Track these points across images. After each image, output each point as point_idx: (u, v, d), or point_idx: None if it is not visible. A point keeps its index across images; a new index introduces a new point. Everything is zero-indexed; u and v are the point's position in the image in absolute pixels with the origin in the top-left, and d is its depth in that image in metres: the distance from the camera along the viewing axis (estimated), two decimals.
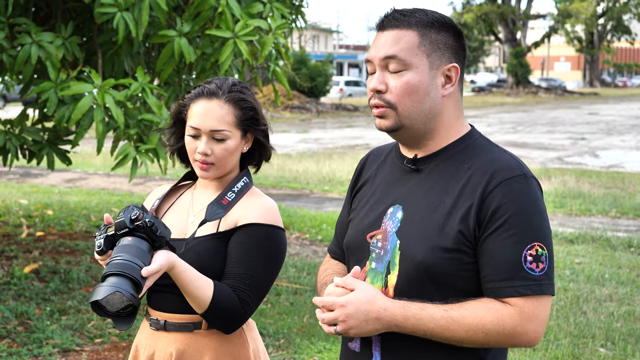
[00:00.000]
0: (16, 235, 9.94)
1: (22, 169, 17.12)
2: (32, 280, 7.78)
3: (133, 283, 2.38)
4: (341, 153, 20.40)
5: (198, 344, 2.75)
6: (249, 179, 2.88)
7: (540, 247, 2.11)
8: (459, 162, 2.23)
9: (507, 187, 2.13)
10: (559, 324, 6.83)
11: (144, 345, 2.85)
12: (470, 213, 2.14)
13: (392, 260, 2.23)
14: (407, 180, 2.31)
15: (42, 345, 6.11)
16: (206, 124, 2.76)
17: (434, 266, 2.16)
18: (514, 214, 2.11)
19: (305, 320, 6.86)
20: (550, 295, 2.14)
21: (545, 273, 2.12)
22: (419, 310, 2.13)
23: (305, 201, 13.73)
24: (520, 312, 2.10)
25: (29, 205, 12.46)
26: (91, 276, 8.03)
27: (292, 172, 16.93)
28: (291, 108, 38.45)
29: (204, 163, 2.77)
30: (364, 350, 2.29)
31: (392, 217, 2.27)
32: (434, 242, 2.16)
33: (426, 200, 2.22)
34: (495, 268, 2.12)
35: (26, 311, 6.85)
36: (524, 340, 2.12)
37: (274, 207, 2.82)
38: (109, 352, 6.04)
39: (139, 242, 2.50)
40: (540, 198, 2.18)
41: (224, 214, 2.77)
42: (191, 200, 2.90)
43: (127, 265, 2.40)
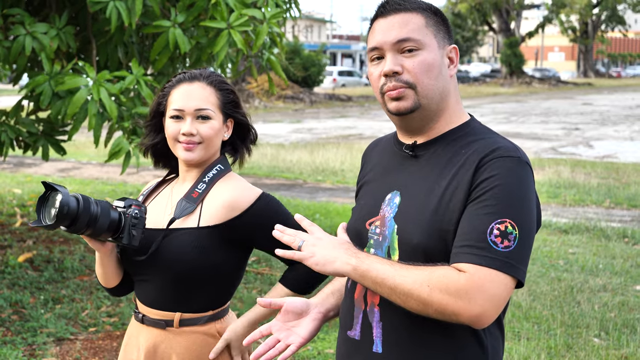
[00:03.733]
0: (10, 225, 9.93)
1: (16, 159, 17.09)
2: (26, 269, 7.77)
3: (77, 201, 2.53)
4: (335, 143, 20.39)
5: (170, 341, 2.77)
6: (224, 166, 2.85)
7: (512, 225, 2.07)
8: (457, 147, 2.24)
9: (498, 163, 2.13)
10: (552, 313, 6.85)
11: (130, 334, 2.90)
12: (462, 190, 2.15)
13: (392, 245, 2.24)
14: (405, 166, 2.32)
15: (36, 334, 6.11)
16: (190, 104, 2.75)
17: (431, 247, 2.16)
18: (496, 187, 2.10)
19: None
20: (509, 275, 2.07)
21: (510, 252, 2.06)
22: (376, 259, 2.16)
23: (298, 191, 13.73)
24: (468, 278, 2.05)
25: (23, 195, 12.44)
26: (85, 265, 8.03)
27: (286, 162, 16.93)
28: (284, 98, 38.43)
29: (189, 143, 2.76)
30: (365, 338, 2.29)
31: (390, 203, 2.28)
32: (429, 224, 2.17)
33: (423, 185, 2.23)
34: (461, 234, 2.11)
35: (20, 300, 6.84)
36: (467, 308, 2.04)
37: (245, 184, 2.81)
38: (102, 340, 6.04)
39: (112, 209, 2.65)
40: (530, 184, 2.15)
41: (193, 207, 2.75)
42: (170, 194, 2.88)
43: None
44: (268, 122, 27.76)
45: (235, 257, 2.80)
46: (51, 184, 2.53)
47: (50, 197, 2.54)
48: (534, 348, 5.96)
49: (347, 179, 15.00)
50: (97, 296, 7.07)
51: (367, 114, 32.11)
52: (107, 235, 2.66)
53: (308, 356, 5.78)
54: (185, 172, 2.85)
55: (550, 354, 5.89)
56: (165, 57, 6.75)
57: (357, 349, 2.32)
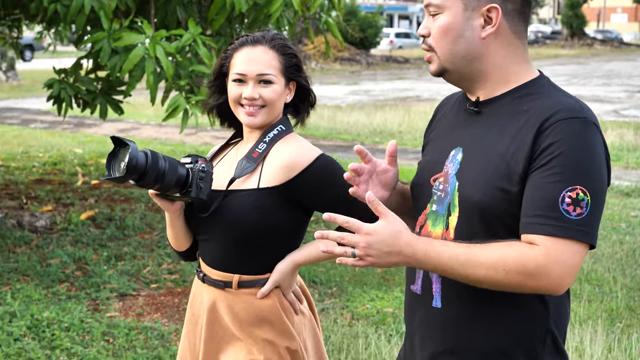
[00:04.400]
0: (72, 184, 10.09)
1: (76, 119, 17.31)
2: (88, 227, 7.90)
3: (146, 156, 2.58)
4: (392, 105, 20.30)
5: (229, 301, 2.80)
6: (285, 126, 2.85)
7: (583, 192, 2.04)
8: (520, 105, 2.20)
9: (562, 126, 2.08)
10: (614, 276, 6.78)
11: (195, 291, 2.94)
12: (524, 152, 2.11)
13: (452, 202, 2.22)
14: (469, 123, 2.30)
15: (99, 289, 6.22)
16: (252, 69, 2.75)
17: (490, 206, 2.14)
18: (563, 153, 2.06)
19: (357, 270, 6.89)
20: (583, 243, 2.05)
21: (583, 219, 2.04)
22: (441, 247, 2.09)
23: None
24: (545, 253, 2.04)
25: (84, 154, 12.62)
26: (146, 223, 8.14)
27: (343, 124, 16.90)
28: (341, 60, 38.29)
29: (251, 107, 2.76)
30: (425, 293, 2.29)
31: (453, 160, 2.27)
32: (489, 182, 2.15)
33: (485, 142, 2.21)
34: (531, 204, 2.08)
35: (84, 256, 6.97)
36: (546, 283, 2.05)
37: (305, 144, 2.80)
38: (164, 297, 6.13)
39: (180, 165, 2.67)
40: (597, 145, 2.10)
41: (253, 167, 2.76)
42: (235, 155, 2.90)
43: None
44: (325, 84, 27.70)
45: (295, 218, 2.80)
46: (121, 139, 2.55)
47: (120, 152, 2.57)
48: (594, 310, 5.91)
49: (405, 140, 14.94)
50: (158, 253, 7.17)
51: (424, 76, 31.88)
52: (175, 190, 2.68)
53: (367, 314, 5.81)
54: (249, 133, 2.86)
55: (612, 316, 5.84)
56: (223, 17, 6.74)
57: (418, 303, 2.33)
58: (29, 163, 11.76)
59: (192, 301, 2.94)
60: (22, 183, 10.02)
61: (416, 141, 14.75)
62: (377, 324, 5.62)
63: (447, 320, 2.25)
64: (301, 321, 2.89)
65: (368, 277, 6.72)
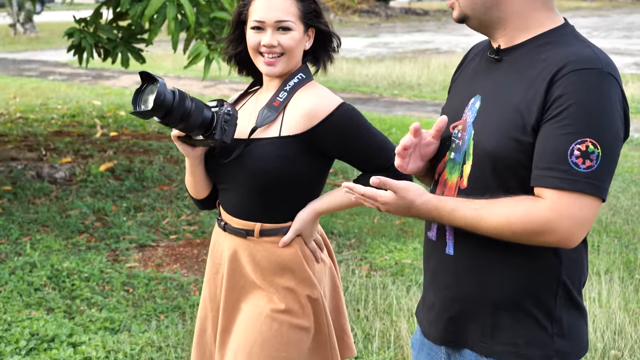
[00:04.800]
0: (91, 135, 10.11)
1: (95, 71, 17.31)
2: (107, 179, 7.93)
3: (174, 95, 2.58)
4: (411, 57, 20.16)
5: (251, 250, 2.81)
6: (305, 75, 2.83)
7: (594, 144, 2.01)
8: (539, 53, 2.17)
9: (574, 77, 2.04)
10: (633, 228, 6.76)
11: (216, 240, 2.95)
12: (537, 102, 2.08)
13: (468, 150, 2.21)
14: (490, 71, 2.28)
15: (119, 240, 6.26)
16: (271, 15, 2.73)
17: (503, 156, 2.12)
18: (573, 105, 2.02)
19: (375, 221, 6.90)
20: (593, 196, 2.03)
21: (592, 172, 2.01)
22: (453, 207, 2.13)
23: (374, 105, 13.68)
24: (551, 207, 2.03)
25: (102, 106, 12.63)
26: (165, 175, 8.16)
27: (362, 76, 16.82)
28: (360, 12, 38.02)
29: (270, 56, 2.74)
30: (440, 240, 2.30)
31: (471, 108, 2.25)
32: (502, 132, 2.13)
33: (501, 91, 2.19)
34: (541, 156, 2.06)
35: (103, 208, 7.01)
36: (554, 238, 2.04)
37: (326, 92, 2.80)
38: (183, 248, 6.17)
39: (206, 107, 2.68)
40: (612, 97, 2.06)
41: (275, 116, 2.74)
42: (255, 103, 2.88)
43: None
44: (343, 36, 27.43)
45: (316, 166, 2.80)
46: (150, 74, 2.55)
47: (147, 88, 2.57)
48: (613, 262, 5.90)
49: (424, 93, 14.87)
50: (177, 205, 7.20)
51: (443, 29, 31.62)
52: (199, 132, 2.68)
53: (385, 265, 5.82)
54: (268, 81, 2.85)
55: (630, 267, 5.83)
56: None
57: (433, 250, 2.34)
58: (47, 115, 11.78)
59: (213, 250, 2.95)
60: (40, 135, 10.05)
61: (435, 94, 14.68)
62: (396, 275, 5.63)
63: (459, 268, 2.25)
64: (322, 270, 2.90)
65: (386, 228, 6.73)
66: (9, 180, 7.74)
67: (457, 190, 2.23)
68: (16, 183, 7.64)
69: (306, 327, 2.79)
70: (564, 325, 2.19)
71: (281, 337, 2.75)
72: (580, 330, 2.24)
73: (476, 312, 2.23)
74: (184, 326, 4.74)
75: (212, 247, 2.97)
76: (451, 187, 2.25)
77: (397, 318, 4.84)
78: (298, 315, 2.78)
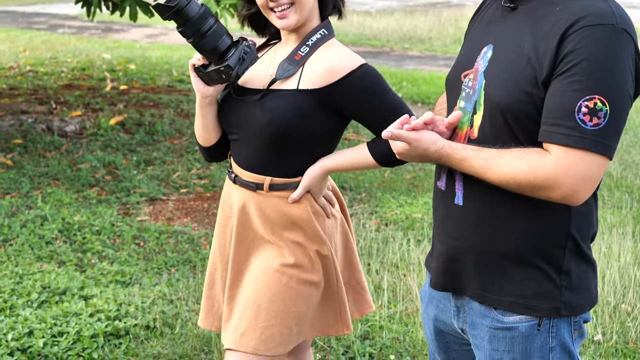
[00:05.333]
0: (100, 89, 10.09)
1: (104, 24, 17.24)
2: (117, 132, 7.93)
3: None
4: (422, 11, 20.02)
5: (260, 203, 2.79)
6: (328, 31, 2.80)
7: (602, 102, 1.98)
8: (554, 5, 2.13)
9: (586, 33, 2.01)
10: None
11: (226, 193, 2.94)
12: (548, 56, 2.05)
13: (479, 100, 2.19)
14: (504, 20, 2.24)
15: (129, 193, 6.27)
16: None
17: (513, 108, 2.10)
18: (583, 61, 1.99)
19: (386, 175, 6.89)
20: (599, 154, 2.00)
21: (600, 130, 1.99)
22: (463, 156, 2.15)
23: (385, 59, 13.60)
24: (556, 163, 2.01)
25: (112, 60, 12.59)
26: (175, 129, 8.15)
27: (372, 30, 16.72)
28: None
29: (280, 9, 2.70)
30: (449, 190, 2.29)
31: (483, 57, 2.23)
32: (512, 84, 2.10)
33: (513, 41, 2.16)
34: (549, 111, 2.04)
35: (113, 161, 7.01)
36: (557, 194, 2.03)
37: (348, 51, 2.77)
38: (194, 201, 6.17)
39: (228, 35, 2.68)
40: (624, 54, 2.02)
41: (295, 70, 2.72)
42: (273, 56, 2.85)
43: None
44: None
45: (331, 124, 2.77)
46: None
47: None
48: (624, 216, 5.89)
49: (435, 47, 14.78)
50: (188, 159, 7.20)
51: None
52: (214, 54, 2.66)
53: (396, 220, 5.82)
54: (287, 35, 2.81)
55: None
56: None
57: (442, 200, 2.33)
58: (57, 68, 11.76)
59: (223, 203, 2.94)
60: (50, 88, 10.04)
61: (446, 47, 14.58)
62: (406, 229, 5.63)
63: (467, 218, 2.25)
64: (332, 225, 2.88)
65: (397, 183, 6.72)
66: (20, 133, 7.74)
67: (466, 140, 2.22)
68: (26, 136, 7.64)
69: (315, 282, 2.79)
70: (573, 277, 2.19)
71: (290, 291, 2.75)
72: (589, 283, 2.23)
73: (484, 263, 2.23)
74: (195, 279, 4.76)
75: (222, 199, 2.96)
76: (461, 137, 2.24)
77: (407, 272, 4.84)
78: (307, 269, 2.78)
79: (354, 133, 8.26)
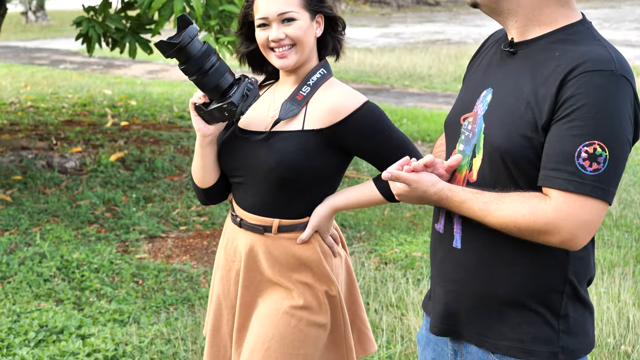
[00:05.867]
0: (101, 125, 10.12)
1: (105, 60, 17.32)
2: (118, 169, 7.93)
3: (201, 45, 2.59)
4: (422, 48, 20.11)
5: (268, 246, 2.78)
6: (327, 70, 2.82)
7: (602, 147, 1.99)
8: (553, 50, 2.15)
9: (586, 78, 2.02)
10: None
11: (229, 236, 2.91)
12: (548, 101, 2.06)
13: (478, 143, 2.21)
14: (503, 64, 2.26)
15: (129, 231, 6.26)
16: (272, 9, 2.70)
17: (513, 153, 2.11)
18: (583, 106, 2.00)
19: (386, 213, 6.89)
20: (599, 199, 2.01)
21: (599, 175, 2.00)
22: (463, 199, 2.15)
23: (385, 96, 13.65)
24: (556, 208, 2.02)
25: (113, 96, 12.64)
26: (175, 165, 8.16)
27: (373, 67, 16.79)
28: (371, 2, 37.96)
29: (281, 49, 2.72)
30: (447, 233, 2.30)
31: (483, 100, 2.24)
32: (512, 128, 2.12)
33: (513, 86, 2.17)
34: (549, 156, 2.05)
35: (113, 198, 7.01)
36: (557, 238, 2.04)
37: (350, 89, 2.78)
38: (193, 239, 6.16)
39: (230, 72, 2.68)
40: (623, 100, 2.03)
41: (298, 110, 2.72)
42: (272, 96, 2.85)
43: None
44: (354, 26, 27.47)
45: (335, 162, 2.77)
46: (187, 19, 2.55)
47: (180, 34, 2.59)
48: (623, 256, 5.88)
49: (435, 84, 14.83)
50: (187, 196, 7.20)
51: (455, 19, 31.54)
52: (217, 92, 2.66)
53: (395, 258, 5.81)
54: (286, 75, 2.83)
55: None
56: None
57: (440, 243, 2.33)
58: (58, 104, 11.79)
59: (226, 247, 2.91)
60: (51, 124, 10.06)
61: (446, 85, 14.64)
62: (406, 267, 5.62)
63: (465, 262, 2.25)
64: (339, 264, 2.89)
65: (397, 221, 6.71)
66: (20, 169, 7.75)
67: (465, 183, 2.23)
68: (26, 172, 7.65)
69: (324, 323, 2.78)
70: (570, 322, 2.19)
71: (299, 333, 2.74)
72: (587, 327, 2.23)
73: (482, 307, 2.23)
74: (193, 318, 4.74)
75: (225, 244, 2.93)
76: (460, 180, 2.25)
77: (406, 312, 4.83)
78: (316, 311, 2.77)
79: (355, 170, 8.27)
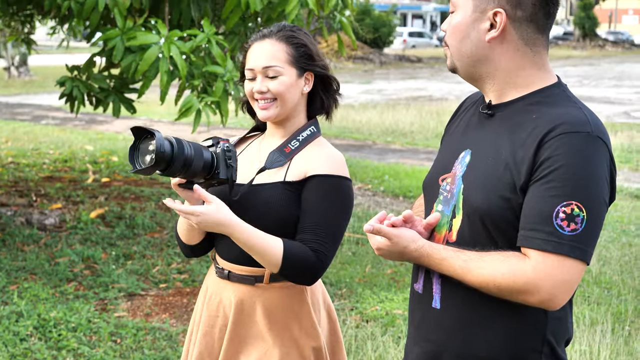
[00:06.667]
0: (82, 181, 10.10)
1: (88, 116, 17.33)
2: (98, 225, 7.90)
3: (171, 144, 2.52)
4: (404, 104, 20.26)
5: (259, 297, 2.77)
6: (317, 129, 2.86)
7: (579, 207, 2.02)
8: (530, 113, 2.18)
9: (563, 140, 2.06)
10: (623, 279, 6.74)
11: (212, 291, 2.88)
12: (526, 163, 2.10)
13: (457, 204, 2.23)
14: (482, 126, 2.29)
15: (108, 289, 6.21)
16: (258, 62, 2.76)
17: (492, 213, 2.14)
18: (561, 167, 2.04)
19: (367, 270, 6.87)
20: (577, 259, 2.04)
21: (577, 235, 2.03)
22: (443, 256, 2.17)
23: (367, 152, 13.70)
24: (534, 268, 2.04)
25: (95, 152, 12.63)
26: (156, 222, 8.13)
27: (355, 123, 16.88)
28: (354, 59, 38.28)
29: (263, 102, 2.76)
30: (426, 293, 2.31)
31: (461, 161, 2.27)
32: (491, 189, 2.14)
33: (491, 148, 2.20)
34: (527, 216, 2.07)
35: (92, 255, 6.97)
36: (535, 298, 2.06)
37: (340, 158, 2.80)
38: (173, 297, 6.12)
39: (204, 149, 2.64)
40: (599, 161, 2.07)
41: (284, 162, 2.76)
42: (258, 147, 2.89)
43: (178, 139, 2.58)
44: None
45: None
46: (144, 128, 2.51)
47: (142, 143, 2.53)
48: (603, 313, 5.88)
49: (417, 140, 14.92)
50: (168, 253, 7.17)
51: (437, 76, 31.83)
52: (202, 175, 2.64)
53: (376, 316, 5.79)
54: (274, 128, 2.86)
55: (620, 319, 5.81)
56: (237, 15, 6.73)
57: (419, 303, 2.34)
58: (39, 160, 11.78)
59: (208, 302, 2.88)
60: (31, 180, 10.04)
61: (428, 141, 14.72)
62: (387, 325, 5.60)
63: (444, 322, 2.26)
64: (324, 315, 2.89)
65: (378, 278, 6.70)
66: None
67: (445, 243, 2.25)
68: (5, 230, 7.61)
69: None
70: None
71: None
72: None
73: None
74: None
75: (207, 298, 2.90)
76: (439, 239, 2.26)
77: None
78: None
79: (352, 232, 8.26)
